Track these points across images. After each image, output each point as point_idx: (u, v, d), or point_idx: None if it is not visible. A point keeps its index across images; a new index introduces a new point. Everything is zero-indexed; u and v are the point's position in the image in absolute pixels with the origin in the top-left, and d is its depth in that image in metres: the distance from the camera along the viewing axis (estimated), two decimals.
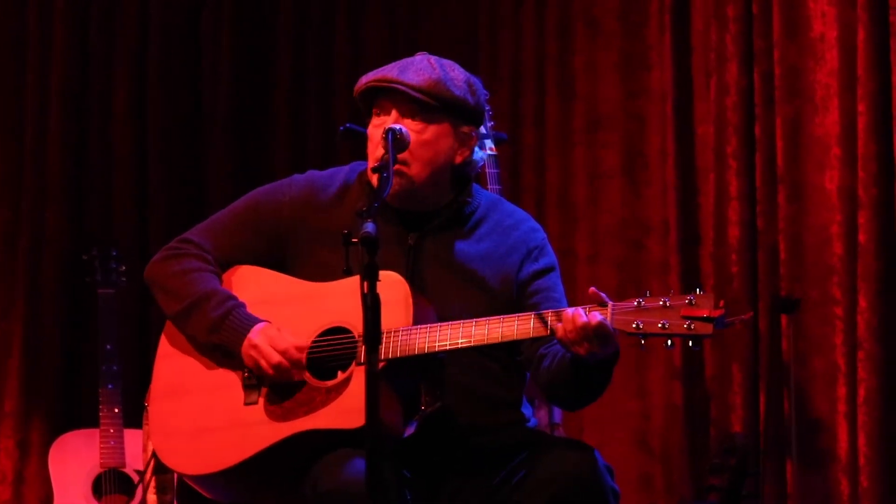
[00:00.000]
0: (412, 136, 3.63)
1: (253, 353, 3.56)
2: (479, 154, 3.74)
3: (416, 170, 3.65)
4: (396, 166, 3.58)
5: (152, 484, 5.36)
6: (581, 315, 3.34)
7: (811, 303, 5.77)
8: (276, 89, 6.84)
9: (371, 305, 3.13)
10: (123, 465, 5.88)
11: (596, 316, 3.34)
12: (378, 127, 3.66)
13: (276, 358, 3.53)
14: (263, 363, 3.54)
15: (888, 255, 5.56)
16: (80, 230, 6.59)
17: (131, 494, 5.81)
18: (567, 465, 3.45)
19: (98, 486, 5.87)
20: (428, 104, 3.63)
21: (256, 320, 3.62)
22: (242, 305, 3.66)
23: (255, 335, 3.57)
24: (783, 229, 5.84)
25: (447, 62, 3.71)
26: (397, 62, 3.70)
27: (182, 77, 6.81)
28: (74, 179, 6.63)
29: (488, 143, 5.17)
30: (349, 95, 6.51)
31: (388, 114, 3.66)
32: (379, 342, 3.15)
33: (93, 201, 6.64)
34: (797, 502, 5.73)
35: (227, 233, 3.78)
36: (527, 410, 3.74)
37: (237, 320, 3.62)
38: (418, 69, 3.64)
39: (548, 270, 3.74)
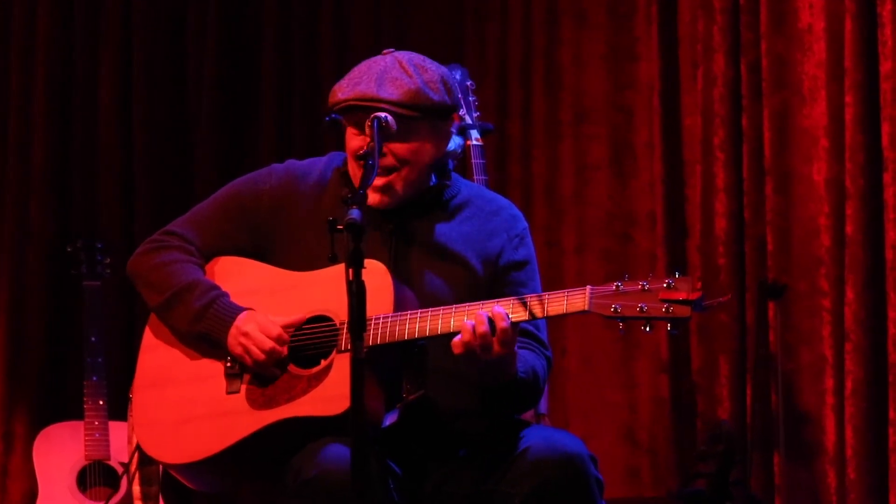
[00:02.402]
0: (397, 150, 3.59)
1: (243, 339, 3.54)
2: (455, 142, 3.73)
3: (406, 177, 3.62)
4: (385, 179, 3.58)
5: (137, 476, 5.35)
6: (484, 322, 3.37)
7: (798, 294, 5.77)
8: (262, 81, 6.81)
9: (357, 292, 3.12)
10: (108, 458, 5.86)
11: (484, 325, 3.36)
12: (354, 139, 3.62)
13: (269, 344, 3.53)
14: (255, 350, 3.53)
15: (876, 246, 5.56)
16: (65, 222, 6.57)
17: (116, 487, 5.79)
18: (551, 453, 3.44)
19: (83, 479, 5.85)
20: (410, 117, 3.59)
21: (241, 309, 3.61)
22: (226, 295, 3.64)
23: (244, 322, 3.56)
24: (770, 221, 5.84)
25: (418, 60, 3.65)
26: (367, 69, 3.62)
27: (167, 69, 6.79)
28: (59, 171, 6.60)
29: (474, 133, 5.14)
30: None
31: (364, 131, 3.59)
32: (365, 329, 3.13)
33: (78, 193, 6.62)
34: (784, 494, 5.73)
35: (210, 224, 3.76)
36: None
37: (221, 309, 3.61)
38: (394, 79, 3.58)
39: (524, 263, 3.72)
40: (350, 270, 3.12)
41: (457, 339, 3.38)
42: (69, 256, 6.17)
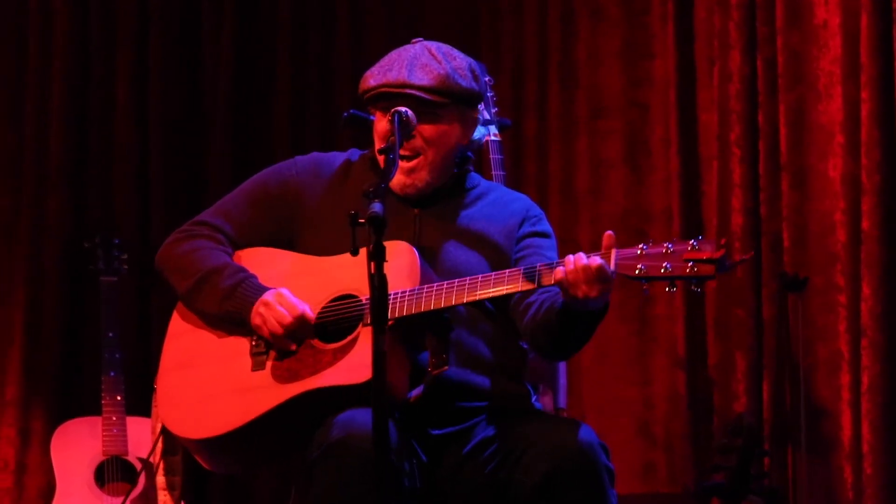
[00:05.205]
0: (425, 132, 3.68)
1: (262, 309, 3.59)
2: (479, 132, 3.81)
3: (432, 160, 3.72)
4: (412, 162, 3.69)
5: (161, 466, 5.38)
6: (582, 257, 3.40)
7: (814, 290, 5.77)
8: (277, 78, 6.82)
9: (378, 286, 3.14)
10: (126, 453, 5.87)
11: (596, 259, 3.38)
12: (382, 121, 3.71)
13: (289, 319, 3.56)
14: (272, 321, 3.56)
15: (892, 242, 5.56)
16: (82, 218, 6.58)
17: (134, 482, 5.80)
18: (562, 442, 3.48)
19: (101, 474, 5.86)
20: (439, 103, 3.68)
21: (268, 289, 3.65)
22: (254, 277, 3.70)
23: (269, 296, 3.61)
24: (787, 217, 5.85)
25: (445, 48, 3.75)
26: (398, 56, 3.72)
27: (183, 66, 6.80)
28: (76, 167, 6.62)
29: (492, 129, 5.16)
30: (350, 84, 6.60)
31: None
32: (386, 322, 3.15)
33: (94, 189, 6.63)
34: (801, 490, 5.73)
35: (237, 212, 3.82)
36: (528, 385, 3.79)
37: (249, 288, 3.66)
38: (424, 66, 3.68)
39: (544, 234, 3.81)
40: (372, 264, 3.15)
41: (561, 268, 3.40)
42: (86, 252, 6.19)
